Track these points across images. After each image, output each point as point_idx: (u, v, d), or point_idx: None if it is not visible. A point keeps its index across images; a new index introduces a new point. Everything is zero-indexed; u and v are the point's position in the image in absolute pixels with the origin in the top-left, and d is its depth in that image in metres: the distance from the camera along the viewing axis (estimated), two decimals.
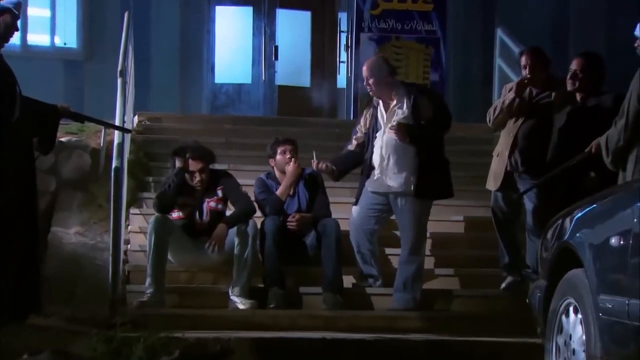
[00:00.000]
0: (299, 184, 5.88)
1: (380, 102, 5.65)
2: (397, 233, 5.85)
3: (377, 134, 5.61)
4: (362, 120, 5.76)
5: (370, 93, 5.66)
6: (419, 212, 5.55)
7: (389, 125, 5.54)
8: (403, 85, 5.71)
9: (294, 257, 5.77)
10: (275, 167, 5.94)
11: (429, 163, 5.52)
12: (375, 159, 5.61)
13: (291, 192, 5.89)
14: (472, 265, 6.13)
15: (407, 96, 5.57)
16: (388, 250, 6.14)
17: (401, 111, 5.56)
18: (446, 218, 6.53)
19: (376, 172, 5.59)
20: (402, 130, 5.47)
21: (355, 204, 5.73)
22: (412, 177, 5.49)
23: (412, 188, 5.50)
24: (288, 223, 5.70)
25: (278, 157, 5.89)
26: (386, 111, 5.61)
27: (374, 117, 5.65)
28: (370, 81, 5.54)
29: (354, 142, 5.75)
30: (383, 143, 5.57)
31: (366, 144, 5.67)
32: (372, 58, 5.98)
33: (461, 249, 6.36)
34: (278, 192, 5.79)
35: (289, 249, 5.69)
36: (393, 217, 5.75)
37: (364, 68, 5.62)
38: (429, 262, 5.95)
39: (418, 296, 5.51)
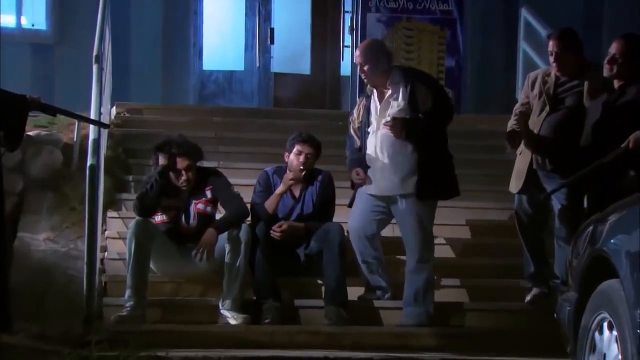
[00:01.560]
0: (307, 187, 5.85)
1: (375, 91, 5.63)
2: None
3: (370, 129, 5.59)
4: (355, 112, 5.74)
5: (365, 81, 5.64)
6: (423, 214, 5.53)
7: (383, 120, 5.51)
8: (399, 71, 5.65)
9: (285, 268, 5.78)
10: (287, 164, 5.92)
11: (430, 160, 5.49)
12: (370, 158, 5.59)
13: (297, 195, 5.88)
14: (491, 275, 6.14)
15: (404, 85, 5.53)
16: (398, 258, 6.15)
17: (396, 103, 5.52)
18: (461, 222, 6.53)
19: (372, 172, 5.57)
20: (398, 125, 5.44)
21: (350, 206, 5.71)
22: (412, 176, 5.48)
23: (413, 189, 5.48)
24: (271, 232, 5.69)
25: (292, 155, 5.85)
26: (380, 102, 5.60)
27: (367, 109, 5.62)
28: (365, 67, 5.52)
29: (356, 138, 5.72)
30: (377, 140, 5.55)
31: (360, 140, 5.65)
32: (367, 41, 5.97)
33: (478, 256, 6.36)
34: (266, 204, 5.78)
35: (280, 258, 5.69)
36: (393, 221, 5.74)
37: (358, 52, 5.59)
38: (442, 271, 5.96)
39: (431, 309, 5.52)
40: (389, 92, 5.56)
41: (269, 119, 8.48)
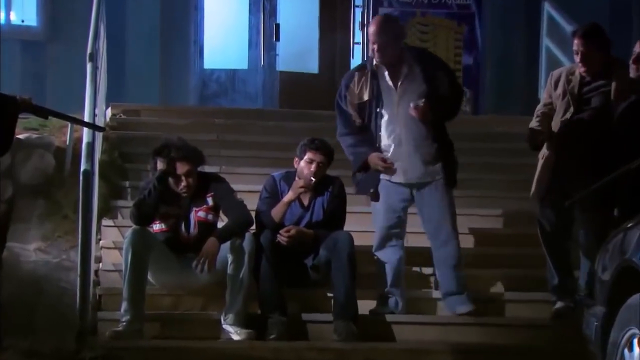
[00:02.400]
0: (317, 196, 5.84)
1: (386, 71, 5.63)
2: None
3: (385, 111, 5.60)
4: (353, 87, 5.66)
5: (377, 60, 5.61)
6: (450, 200, 5.66)
7: (405, 101, 5.53)
8: (412, 51, 5.72)
9: (292, 279, 5.77)
10: (297, 171, 5.92)
11: (446, 146, 5.64)
12: (388, 143, 5.61)
13: (306, 203, 5.88)
14: (511, 288, 6.11)
15: (419, 66, 5.60)
16: (413, 271, 6.14)
17: (416, 84, 5.58)
18: (479, 230, 6.52)
19: (394, 158, 5.60)
20: (427, 110, 5.50)
21: (375, 198, 5.68)
22: (437, 162, 5.59)
23: (440, 175, 5.59)
24: (278, 236, 5.69)
25: (303, 163, 5.85)
26: (394, 83, 5.60)
27: (375, 89, 5.61)
28: (378, 44, 5.52)
29: (356, 115, 5.65)
30: (400, 124, 5.58)
31: (367, 123, 5.64)
32: (381, 16, 5.96)
33: (497, 268, 6.34)
34: (273, 212, 5.79)
35: (286, 268, 5.69)
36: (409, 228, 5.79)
37: (371, 28, 5.59)
38: None
39: (469, 293, 5.64)
40: (404, 72, 5.60)
41: (274, 120, 8.49)
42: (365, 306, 5.76)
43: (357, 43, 10.13)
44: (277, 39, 10.51)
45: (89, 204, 5.44)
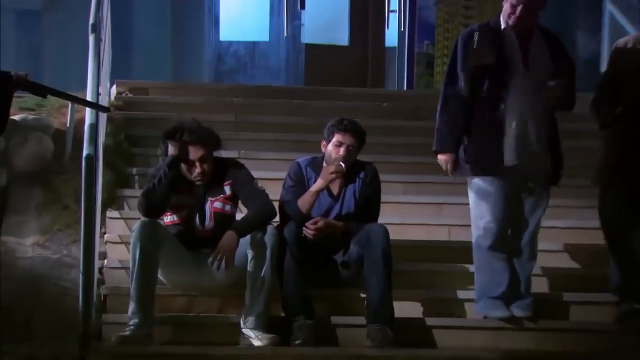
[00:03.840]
0: (348, 184, 5.85)
1: (515, 39, 5.62)
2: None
3: (508, 81, 5.57)
4: (470, 51, 5.59)
5: (512, 23, 5.55)
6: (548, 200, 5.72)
7: (533, 77, 5.55)
8: (542, 27, 5.73)
9: (320, 278, 5.79)
10: (324, 155, 5.92)
11: (557, 139, 5.68)
12: (511, 123, 5.60)
13: (335, 192, 5.88)
14: (569, 288, 6.09)
15: (549, 47, 5.64)
16: (459, 267, 6.12)
17: (544, 63, 5.61)
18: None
19: (510, 142, 5.57)
20: (560, 93, 5.54)
21: (484, 172, 5.61)
22: (547, 153, 5.62)
23: (548, 170, 5.63)
24: (304, 230, 5.70)
25: (330, 146, 5.86)
26: (523, 54, 5.60)
27: (501, 55, 5.58)
28: (525, 7, 5.50)
29: (465, 92, 5.60)
30: (525, 103, 5.59)
31: (478, 93, 5.60)
32: None
33: (555, 262, 6.32)
34: (300, 202, 5.79)
35: (314, 266, 5.70)
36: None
37: None
38: None
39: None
40: (534, 47, 5.63)
41: (299, 99, 8.49)
42: (402, 308, 5.76)
43: (393, 11, 10.10)
44: (302, 6, 10.48)
45: (92, 193, 5.45)
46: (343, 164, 5.76)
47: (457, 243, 6.39)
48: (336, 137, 5.83)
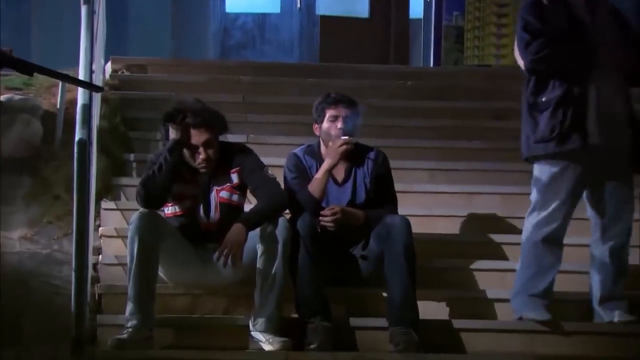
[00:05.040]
0: (354, 169, 5.88)
1: (581, 1, 5.67)
2: None
3: (587, 53, 5.59)
4: (536, 20, 5.64)
5: None
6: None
7: (602, 43, 5.58)
8: None
9: (338, 276, 5.80)
10: (320, 138, 5.97)
11: (634, 115, 5.69)
12: (590, 96, 5.61)
13: (341, 179, 5.90)
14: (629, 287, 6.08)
15: (614, 12, 5.70)
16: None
17: (611, 28, 5.64)
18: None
19: (591, 125, 5.59)
20: (633, 65, 5.63)
21: (557, 152, 5.61)
22: (629, 131, 5.65)
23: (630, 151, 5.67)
24: (320, 219, 5.71)
25: (325, 124, 5.92)
26: (590, 16, 5.63)
27: (567, 18, 5.62)
28: None
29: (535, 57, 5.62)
30: (600, 75, 5.60)
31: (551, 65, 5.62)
32: None
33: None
34: (311, 187, 5.81)
35: (330, 262, 5.72)
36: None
37: None
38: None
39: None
40: (601, 9, 5.69)
41: (314, 77, 8.49)
42: (428, 309, 5.78)
43: None
44: None
45: (86, 181, 5.46)
46: (347, 137, 5.78)
47: (488, 237, 6.39)
48: (329, 113, 5.90)
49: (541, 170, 5.70)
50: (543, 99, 5.64)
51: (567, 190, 5.65)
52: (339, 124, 5.88)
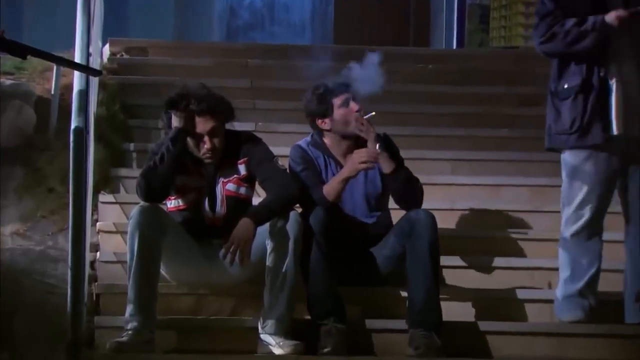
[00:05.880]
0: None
1: None
2: None
3: (614, 36, 5.58)
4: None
5: None
6: None
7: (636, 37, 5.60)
8: None
9: (353, 274, 5.81)
10: (332, 130, 5.95)
11: None
12: (619, 90, 5.61)
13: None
14: None
15: None
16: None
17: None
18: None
19: (615, 115, 5.59)
20: None
21: (580, 143, 5.62)
22: None
23: None
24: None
25: (340, 111, 5.92)
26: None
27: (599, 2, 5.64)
28: None
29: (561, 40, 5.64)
30: (628, 60, 5.62)
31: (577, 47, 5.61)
32: None
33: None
34: (326, 191, 5.79)
35: (346, 259, 5.72)
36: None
37: None
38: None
39: None
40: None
41: (327, 60, 8.46)
42: (451, 310, 5.78)
43: None
44: None
45: (82, 173, 5.47)
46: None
47: (516, 233, 6.38)
48: (337, 100, 5.92)
49: (565, 162, 5.71)
50: (565, 86, 5.65)
51: (594, 181, 5.65)
52: (354, 106, 5.89)
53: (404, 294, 5.70)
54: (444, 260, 5.73)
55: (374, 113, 5.80)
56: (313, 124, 6.01)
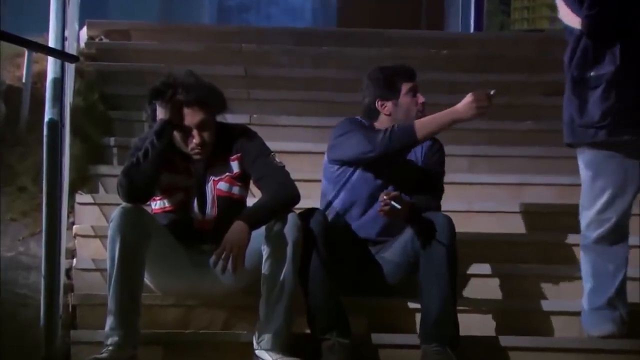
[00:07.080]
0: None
1: None
2: None
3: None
4: None
5: None
6: None
7: None
8: None
9: (358, 283, 5.84)
10: (391, 115, 5.96)
11: None
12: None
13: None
14: None
15: None
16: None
17: None
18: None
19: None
20: None
21: (603, 139, 5.64)
22: None
23: None
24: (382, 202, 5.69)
25: (403, 99, 5.95)
26: None
27: None
28: None
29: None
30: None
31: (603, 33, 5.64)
32: None
33: None
34: (421, 123, 5.78)
35: (350, 266, 5.75)
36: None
37: None
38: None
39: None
40: None
41: (329, 45, 8.49)
42: (469, 324, 5.79)
43: None
44: None
45: (57, 171, 5.48)
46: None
47: (540, 237, 6.39)
48: (406, 87, 5.96)
49: (586, 159, 5.70)
50: (592, 74, 5.64)
51: (620, 180, 5.66)
52: (421, 98, 5.96)
53: (415, 305, 5.71)
54: (460, 267, 5.74)
55: (398, 207, 5.76)
56: (371, 106, 5.99)
